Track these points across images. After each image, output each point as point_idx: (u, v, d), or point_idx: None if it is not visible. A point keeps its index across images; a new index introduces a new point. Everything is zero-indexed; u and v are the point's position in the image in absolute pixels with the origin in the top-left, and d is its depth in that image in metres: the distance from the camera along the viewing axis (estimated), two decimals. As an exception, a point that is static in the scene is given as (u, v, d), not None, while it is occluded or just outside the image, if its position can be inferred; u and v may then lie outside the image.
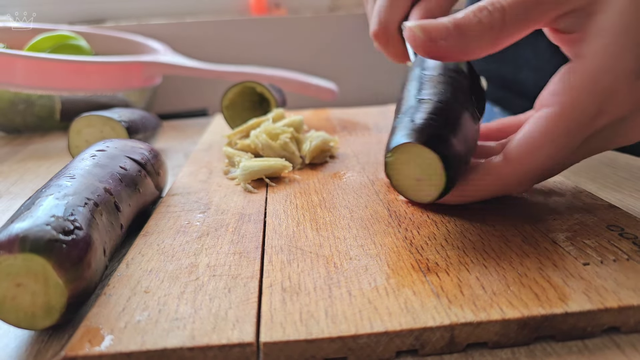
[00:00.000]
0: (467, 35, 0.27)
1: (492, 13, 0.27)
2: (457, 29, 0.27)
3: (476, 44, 0.28)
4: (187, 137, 0.62)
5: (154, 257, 0.27)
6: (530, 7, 0.27)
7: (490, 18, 0.27)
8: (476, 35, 0.27)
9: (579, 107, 0.27)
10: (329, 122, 0.62)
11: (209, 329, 0.21)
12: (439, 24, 0.28)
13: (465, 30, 0.27)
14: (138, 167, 0.34)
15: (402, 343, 0.21)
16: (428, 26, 0.28)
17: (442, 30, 0.28)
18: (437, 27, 0.28)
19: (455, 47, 0.28)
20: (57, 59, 0.60)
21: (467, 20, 0.28)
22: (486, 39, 0.28)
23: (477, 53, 0.28)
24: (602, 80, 0.27)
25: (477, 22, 0.27)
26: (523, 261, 0.25)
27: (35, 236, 0.21)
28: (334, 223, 0.31)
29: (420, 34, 0.28)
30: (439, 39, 0.28)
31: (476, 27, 0.27)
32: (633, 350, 0.21)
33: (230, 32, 1.03)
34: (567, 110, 0.27)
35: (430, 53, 0.28)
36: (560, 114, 0.27)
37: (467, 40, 0.28)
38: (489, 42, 0.28)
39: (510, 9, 0.27)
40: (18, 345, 0.23)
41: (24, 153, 0.58)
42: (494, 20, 0.27)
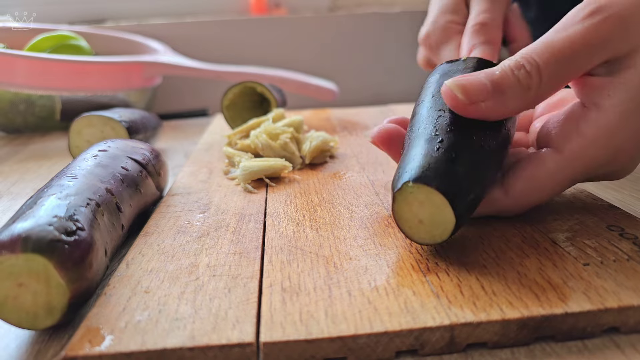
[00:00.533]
0: (506, 95, 0.27)
1: (530, 73, 0.26)
2: (496, 89, 0.27)
3: (513, 103, 0.27)
4: (187, 137, 0.62)
5: (154, 257, 0.27)
6: (567, 63, 0.26)
7: (529, 78, 0.26)
8: (514, 95, 0.27)
9: (588, 158, 0.27)
10: (329, 122, 0.62)
11: (209, 329, 0.21)
12: (477, 83, 0.27)
13: (504, 90, 0.27)
14: (139, 168, 0.34)
15: (402, 343, 0.21)
16: (468, 86, 0.27)
17: (482, 91, 0.27)
18: (476, 87, 0.27)
19: (494, 108, 0.27)
20: (57, 59, 0.60)
21: (506, 80, 0.27)
22: (523, 99, 0.27)
23: (513, 111, 0.27)
24: (615, 138, 0.27)
25: (516, 82, 0.26)
26: (523, 261, 0.25)
27: (38, 236, 0.21)
28: (334, 223, 0.31)
29: (460, 95, 0.27)
30: (479, 101, 0.27)
31: (515, 88, 0.26)
32: (633, 351, 0.21)
33: (230, 32, 1.03)
34: (577, 160, 0.27)
35: (470, 115, 0.27)
36: (569, 162, 0.27)
37: (505, 99, 0.27)
38: (526, 101, 0.27)
39: (545, 68, 0.26)
40: (19, 345, 0.23)
41: (25, 153, 0.58)
42: (532, 80, 0.26)
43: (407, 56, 1.08)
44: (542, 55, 0.26)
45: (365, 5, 1.13)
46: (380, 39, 1.06)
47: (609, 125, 0.27)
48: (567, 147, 0.27)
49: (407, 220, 0.26)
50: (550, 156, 0.28)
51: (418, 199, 0.25)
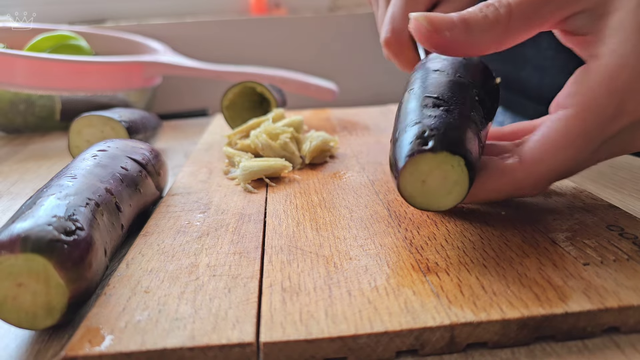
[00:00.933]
0: (473, 29, 0.27)
1: (499, 9, 0.27)
2: (462, 22, 0.27)
3: (481, 39, 0.28)
4: (187, 137, 0.62)
5: (154, 257, 0.27)
6: (537, 5, 0.27)
7: (497, 14, 0.27)
8: (481, 30, 0.27)
9: (597, 107, 0.26)
10: (329, 122, 0.62)
11: (209, 329, 0.21)
12: (445, 16, 0.28)
13: (470, 24, 0.27)
14: (139, 168, 0.34)
15: (402, 343, 0.21)
16: (434, 17, 0.28)
17: (448, 22, 0.28)
18: (442, 18, 0.28)
19: (460, 41, 0.28)
20: (57, 59, 0.60)
21: (473, 15, 0.28)
22: (491, 35, 0.28)
23: (482, 49, 0.28)
24: (619, 78, 0.26)
25: (483, 16, 0.27)
26: (523, 261, 0.25)
27: (37, 236, 0.21)
28: (334, 223, 0.31)
29: (426, 23, 0.28)
30: (444, 30, 0.27)
31: (482, 22, 0.27)
32: (633, 350, 0.21)
33: (230, 32, 1.03)
34: (585, 110, 0.26)
35: (434, 45, 0.28)
36: (577, 115, 0.27)
37: (473, 34, 0.27)
38: (494, 38, 0.28)
39: (516, 6, 0.27)
40: (18, 345, 0.23)
41: (24, 153, 0.58)
42: (500, 16, 0.27)
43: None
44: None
45: (365, 5, 1.13)
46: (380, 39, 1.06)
47: (610, 68, 0.26)
48: (575, 102, 0.27)
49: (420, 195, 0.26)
50: (561, 116, 0.27)
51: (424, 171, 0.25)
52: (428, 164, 0.25)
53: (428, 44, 0.28)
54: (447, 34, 0.27)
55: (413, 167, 0.25)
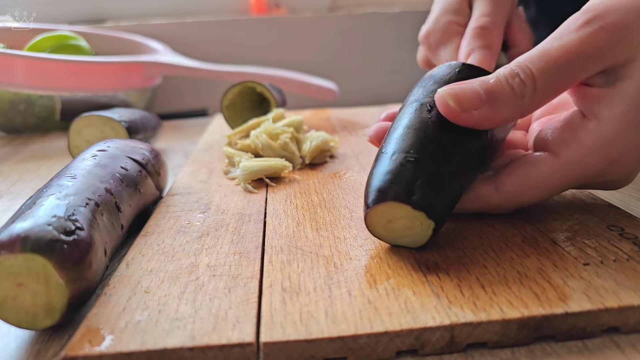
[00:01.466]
0: (499, 105, 0.26)
1: (524, 81, 0.26)
2: (489, 97, 0.26)
3: (507, 112, 0.27)
4: (187, 137, 0.62)
5: (154, 257, 0.27)
6: (561, 74, 0.26)
7: (523, 87, 0.26)
8: (508, 105, 0.26)
9: (583, 166, 0.27)
10: (329, 122, 0.62)
11: (209, 329, 0.21)
12: (470, 92, 0.27)
13: (498, 99, 0.26)
14: (139, 168, 0.34)
15: (402, 343, 0.21)
16: (460, 95, 0.27)
17: (475, 99, 0.27)
18: (469, 96, 0.27)
19: (487, 117, 0.27)
20: (57, 59, 0.60)
21: (499, 89, 0.27)
22: (517, 108, 0.27)
23: (506, 120, 0.27)
24: (613, 149, 0.27)
25: (510, 90, 0.26)
26: (523, 261, 0.25)
27: (37, 236, 0.21)
28: (334, 223, 0.31)
29: (453, 104, 0.27)
30: (471, 109, 0.27)
31: (509, 97, 0.26)
32: (633, 351, 0.21)
33: (230, 32, 1.03)
34: (571, 166, 0.27)
35: (462, 122, 0.27)
36: (563, 167, 0.27)
37: (499, 110, 0.27)
38: (519, 110, 0.27)
39: (540, 77, 0.26)
40: (19, 345, 0.23)
41: (24, 153, 0.58)
42: (526, 89, 0.26)
43: (407, 56, 1.07)
44: (537, 64, 0.26)
45: (365, 5, 1.13)
46: (380, 39, 1.06)
47: (608, 136, 0.27)
48: (564, 153, 0.27)
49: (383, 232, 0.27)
50: (546, 159, 0.28)
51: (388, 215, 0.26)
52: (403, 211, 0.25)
53: (456, 122, 0.27)
54: (475, 113, 0.27)
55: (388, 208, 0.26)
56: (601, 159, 0.27)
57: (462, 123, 0.27)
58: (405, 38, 1.06)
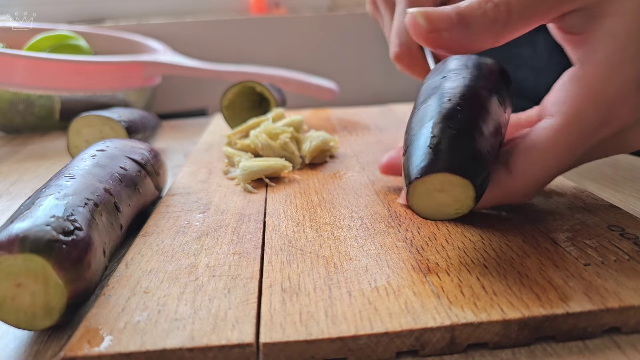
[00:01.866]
0: (471, 27, 0.27)
1: (498, 5, 0.26)
2: (460, 19, 0.27)
3: (479, 36, 0.27)
4: (187, 137, 0.62)
5: (154, 258, 0.27)
6: (536, 1, 0.26)
7: (496, 11, 0.26)
8: (480, 27, 0.27)
9: (582, 118, 0.26)
10: (329, 122, 0.62)
11: (209, 330, 0.21)
12: (442, 13, 0.27)
13: (469, 21, 0.27)
14: (138, 168, 0.34)
15: (403, 344, 0.21)
16: (431, 14, 0.27)
17: (445, 20, 0.27)
18: (440, 16, 0.27)
19: (457, 39, 0.27)
20: (56, 59, 0.60)
21: (471, 11, 0.27)
22: (490, 32, 0.27)
23: (479, 46, 0.28)
24: (605, 90, 0.26)
25: (482, 14, 0.27)
26: (524, 261, 0.25)
27: (35, 236, 0.21)
28: (334, 223, 0.31)
29: (423, 21, 0.27)
30: (442, 30, 0.27)
31: (480, 19, 0.27)
32: (634, 351, 0.21)
33: (230, 32, 1.03)
34: (570, 121, 0.26)
35: (432, 44, 0.27)
36: (563, 125, 0.27)
37: (470, 32, 0.27)
38: (492, 35, 0.27)
39: (516, 2, 0.26)
40: (17, 346, 0.23)
41: (24, 153, 0.58)
42: (499, 13, 0.26)
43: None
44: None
45: (365, 4, 1.13)
46: (380, 39, 1.06)
47: (596, 80, 0.26)
48: (559, 110, 0.27)
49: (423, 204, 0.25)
50: (546, 124, 0.27)
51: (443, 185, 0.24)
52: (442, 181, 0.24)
53: (426, 42, 0.28)
54: (445, 34, 0.27)
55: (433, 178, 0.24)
56: (596, 105, 0.26)
57: (431, 45, 0.27)
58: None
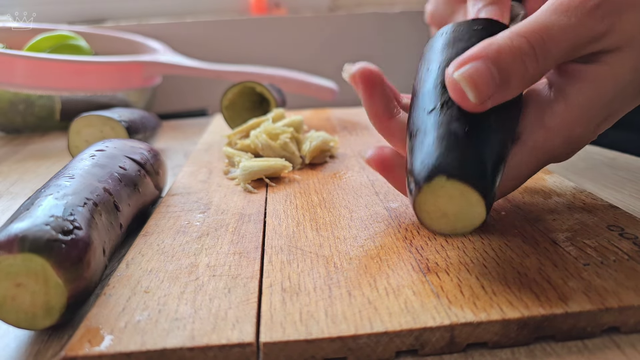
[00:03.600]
0: (511, 84, 0.25)
1: (539, 61, 0.25)
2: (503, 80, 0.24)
3: (517, 90, 0.25)
4: (187, 137, 0.62)
5: (154, 257, 0.27)
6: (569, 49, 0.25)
7: (537, 65, 0.25)
8: (519, 83, 0.25)
9: (551, 149, 0.27)
10: (329, 122, 0.62)
11: (209, 329, 0.21)
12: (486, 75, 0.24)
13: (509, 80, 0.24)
14: (137, 167, 0.34)
15: (402, 343, 0.21)
16: (478, 81, 0.24)
17: (491, 85, 0.24)
18: (485, 81, 0.24)
19: (499, 100, 0.25)
20: (57, 59, 0.60)
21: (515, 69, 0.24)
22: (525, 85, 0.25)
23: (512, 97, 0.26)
24: (576, 130, 0.27)
25: (524, 69, 0.25)
26: (523, 261, 0.25)
27: (35, 236, 0.21)
28: (334, 223, 0.31)
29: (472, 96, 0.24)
30: (486, 99, 0.24)
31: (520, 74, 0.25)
32: (633, 351, 0.21)
33: (230, 32, 1.03)
34: (539, 150, 0.27)
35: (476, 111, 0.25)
36: (532, 153, 0.27)
37: (509, 90, 0.25)
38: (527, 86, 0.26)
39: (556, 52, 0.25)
40: (18, 346, 0.23)
41: (24, 153, 0.58)
42: (541, 66, 0.25)
43: (407, 56, 1.07)
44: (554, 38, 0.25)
45: (365, 5, 1.13)
46: (380, 39, 1.06)
47: (573, 118, 0.27)
48: (531, 138, 0.27)
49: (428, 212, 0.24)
50: (516, 150, 0.28)
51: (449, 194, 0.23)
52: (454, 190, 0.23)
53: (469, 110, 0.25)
54: (488, 102, 0.24)
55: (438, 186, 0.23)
56: (565, 140, 0.27)
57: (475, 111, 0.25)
58: (405, 38, 1.06)
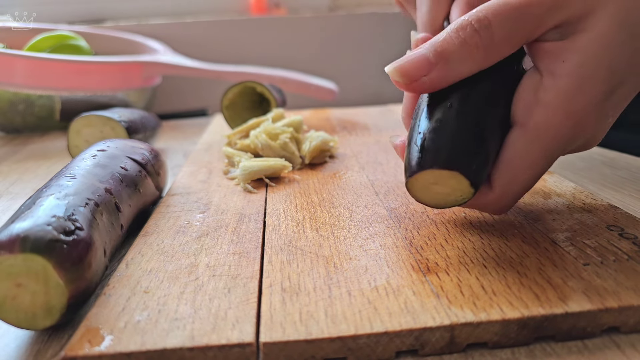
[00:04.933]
0: (451, 61, 0.25)
1: (479, 31, 0.25)
2: (439, 58, 0.25)
3: (461, 67, 0.26)
4: (187, 137, 0.62)
5: (154, 257, 0.27)
6: (520, 21, 0.25)
7: (476, 37, 0.25)
8: (461, 58, 0.25)
9: (554, 128, 0.26)
10: (329, 122, 0.62)
11: (209, 329, 0.21)
12: (417, 59, 0.26)
13: (448, 57, 0.25)
14: (138, 168, 0.34)
15: (402, 343, 0.21)
16: (406, 66, 0.26)
17: (424, 65, 0.26)
18: (416, 64, 0.26)
19: (441, 78, 0.26)
20: (57, 59, 0.60)
21: (449, 45, 0.25)
22: (472, 60, 0.25)
23: (462, 75, 0.26)
24: (576, 101, 0.26)
25: (461, 43, 0.25)
26: (523, 261, 0.25)
27: (36, 236, 0.21)
28: (334, 223, 0.31)
29: (400, 79, 0.26)
30: (420, 77, 0.26)
31: (460, 50, 0.25)
32: (633, 351, 0.21)
33: (230, 32, 1.03)
34: (542, 132, 0.26)
35: (417, 91, 0.27)
36: (534, 135, 0.26)
37: (452, 66, 0.25)
38: (475, 63, 0.26)
39: (498, 24, 0.25)
40: (18, 345, 0.23)
41: (24, 153, 0.58)
42: (480, 39, 0.25)
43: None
44: (494, 12, 0.25)
45: (365, 5, 1.13)
46: (380, 39, 1.06)
47: (567, 90, 0.26)
48: (531, 119, 0.26)
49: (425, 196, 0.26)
50: (520, 136, 0.27)
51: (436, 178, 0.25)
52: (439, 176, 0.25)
53: (409, 91, 0.27)
54: (425, 79, 0.26)
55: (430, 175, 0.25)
56: (567, 117, 0.26)
57: (416, 92, 0.27)
58: (405, 38, 1.06)
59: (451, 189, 0.26)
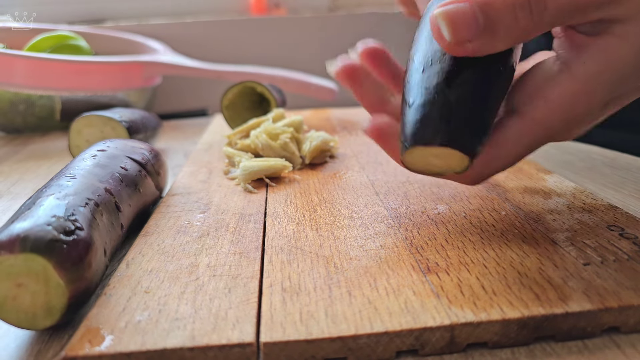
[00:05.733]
0: (498, 34, 0.24)
1: (533, 13, 0.24)
2: (488, 27, 0.24)
3: (501, 44, 0.25)
4: (187, 137, 0.62)
5: (154, 257, 0.27)
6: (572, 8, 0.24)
7: (529, 19, 0.24)
8: (507, 36, 0.24)
9: (547, 125, 0.27)
10: (329, 122, 0.62)
11: (209, 329, 0.21)
12: (466, 16, 0.24)
13: (497, 28, 0.24)
14: (138, 167, 0.34)
15: (402, 343, 0.21)
16: (456, 20, 0.24)
17: (472, 27, 0.24)
18: (465, 21, 0.24)
19: (482, 47, 0.24)
20: (57, 59, 0.60)
21: (501, 17, 0.24)
22: (514, 40, 0.25)
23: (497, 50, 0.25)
24: (578, 106, 0.26)
25: (513, 20, 0.24)
26: (523, 261, 0.25)
27: (36, 236, 0.21)
28: (334, 223, 0.31)
29: (448, 34, 0.24)
30: (466, 41, 0.24)
31: (510, 27, 0.24)
32: (633, 351, 0.21)
33: (230, 32, 1.03)
34: (538, 127, 0.27)
35: (453, 52, 0.25)
36: (530, 129, 0.27)
37: (495, 40, 0.24)
38: (514, 42, 0.25)
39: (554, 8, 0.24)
40: (19, 346, 0.23)
41: (24, 153, 0.58)
42: (532, 21, 0.24)
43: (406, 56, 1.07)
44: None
45: (365, 5, 1.13)
46: (380, 39, 1.06)
47: (573, 94, 0.26)
48: (530, 113, 0.27)
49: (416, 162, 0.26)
50: (513, 121, 0.27)
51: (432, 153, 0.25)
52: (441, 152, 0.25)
53: (447, 50, 0.25)
54: (468, 45, 0.24)
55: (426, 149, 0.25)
56: (564, 117, 0.26)
57: (453, 53, 0.25)
58: (405, 38, 1.06)
59: (447, 165, 0.26)
